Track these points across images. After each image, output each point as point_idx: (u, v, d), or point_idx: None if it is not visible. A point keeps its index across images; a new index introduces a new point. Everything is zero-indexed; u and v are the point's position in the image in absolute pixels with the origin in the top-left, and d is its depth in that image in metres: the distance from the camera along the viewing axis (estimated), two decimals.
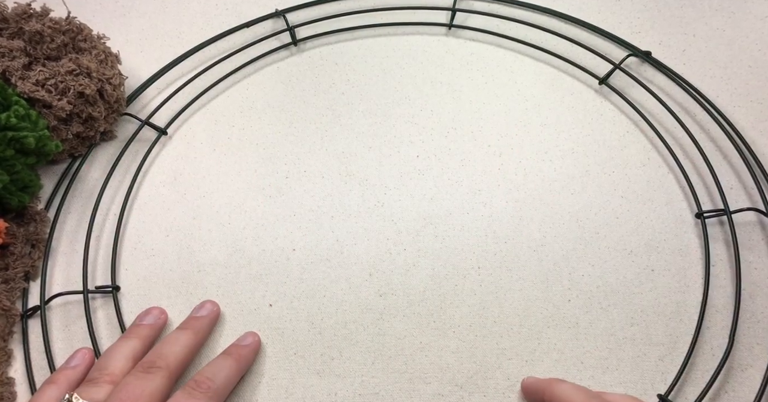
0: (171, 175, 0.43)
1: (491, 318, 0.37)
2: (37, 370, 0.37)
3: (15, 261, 0.39)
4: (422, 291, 0.38)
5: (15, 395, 0.36)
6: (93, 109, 0.42)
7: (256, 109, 0.46)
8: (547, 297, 0.38)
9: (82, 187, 0.43)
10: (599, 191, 0.41)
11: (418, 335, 0.37)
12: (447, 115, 0.44)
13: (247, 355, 0.36)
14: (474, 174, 0.42)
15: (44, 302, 0.38)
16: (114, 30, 0.50)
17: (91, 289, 0.39)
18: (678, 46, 0.47)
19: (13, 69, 0.39)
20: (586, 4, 0.49)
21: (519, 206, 0.41)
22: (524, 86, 0.45)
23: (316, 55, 0.48)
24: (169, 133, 0.45)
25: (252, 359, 0.36)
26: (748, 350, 0.36)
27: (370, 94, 0.46)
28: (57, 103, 0.40)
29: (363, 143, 0.44)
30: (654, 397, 0.35)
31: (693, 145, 0.41)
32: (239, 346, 0.36)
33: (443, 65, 0.47)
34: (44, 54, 0.41)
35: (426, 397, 0.35)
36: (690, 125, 0.43)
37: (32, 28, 0.40)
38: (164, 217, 0.42)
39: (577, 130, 0.43)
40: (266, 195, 0.42)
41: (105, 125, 0.43)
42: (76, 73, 0.41)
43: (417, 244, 0.40)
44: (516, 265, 0.39)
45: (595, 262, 0.39)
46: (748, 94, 0.44)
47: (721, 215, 0.39)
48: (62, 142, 0.41)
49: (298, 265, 0.40)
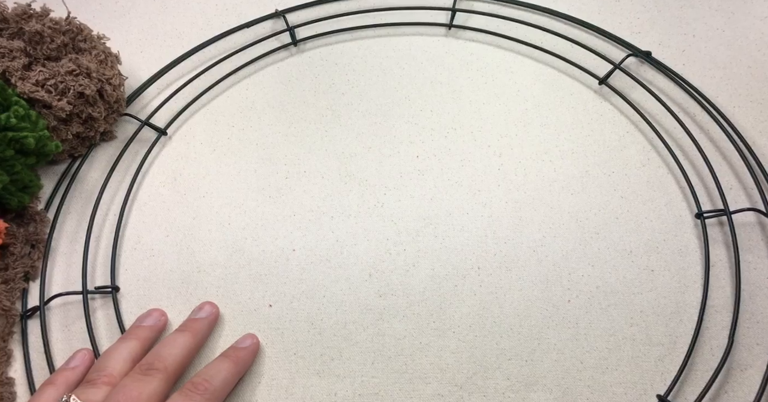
0: (171, 176, 0.43)
1: (491, 318, 0.37)
2: (36, 371, 0.37)
3: (15, 261, 0.39)
4: (422, 291, 0.38)
5: (15, 395, 0.36)
6: (93, 110, 0.42)
7: (256, 109, 0.46)
8: (547, 297, 0.38)
9: (81, 187, 0.43)
10: (599, 191, 0.41)
11: (418, 335, 0.37)
12: (447, 116, 0.44)
13: (246, 357, 0.36)
14: (474, 174, 0.42)
15: (44, 303, 0.38)
16: (114, 30, 0.50)
17: (90, 290, 0.39)
18: (678, 46, 0.47)
19: (13, 69, 0.39)
20: (586, 4, 0.49)
21: (519, 206, 0.41)
22: (524, 86, 0.45)
23: (316, 56, 0.48)
24: (168, 133, 0.45)
25: (250, 362, 0.36)
26: (747, 350, 0.36)
27: (370, 94, 0.46)
28: (57, 103, 0.40)
29: (363, 143, 0.44)
30: (653, 398, 0.35)
31: (693, 145, 0.41)
32: (238, 348, 0.36)
33: (443, 65, 0.47)
34: (44, 54, 0.41)
35: (425, 398, 0.35)
36: (690, 125, 0.43)
37: (32, 29, 0.40)
38: (164, 217, 0.42)
39: (576, 131, 0.43)
40: (266, 195, 0.42)
41: (105, 125, 0.43)
42: (76, 73, 0.41)
43: (417, 244, 0.40)
44: (516, 266, 0.39)
45: (595, 263, 0.39)
46: (748, 94, 0.44)
47: (720, 216, 0.39)
48: (62, 142, 0.41)
49: (298, 266, 0.40)
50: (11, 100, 0.37)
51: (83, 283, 0.39)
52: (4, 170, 0.38)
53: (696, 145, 0.41)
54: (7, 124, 0.36)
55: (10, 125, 0.37)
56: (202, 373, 0.33)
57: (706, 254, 0.38)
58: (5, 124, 0.36)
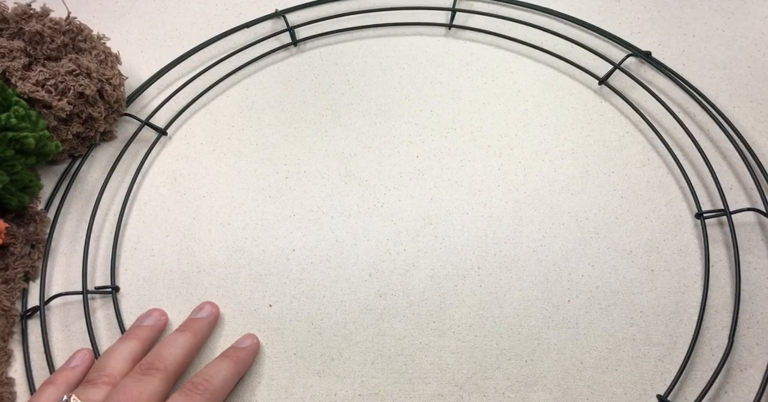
0: (171, 176, 0.43)
1: (491, 318, 0.37)
2: (36, 371, 0.37)
3: (15, 261, 0.39)
4: (422, 291, 0.38)
5: (15, 395, 0.36)
6: (93, 110, 0.42)
7: (256, 109, 0.46)
8: (547, 297, 0.38)
9: (81, 187, 0.43)
10: (599, 191, 0.41)
11: (418, 335, 0.37)
12: (447, 116, 0.44)
13: (246, 357, 0.36)
14: (474, 174, 0.42)
15: (44, 303, 0.38)
16: (114, 30, 0.50)
17: (90, 290, 0.39)
18: (678, 46, 0.47)
19: (14, 69, 0.39)
20: (586, 4, 0.49)
21: (519, 206, 0.41)
22: (524, 86, 0.45)
23: (316, 56, 0.48)
24: (169, 133, 0.45)
25: (250, 362, 0.36)
26: (747, 351, 0.36)
27: (370, 94, 0.46)
28: (57, 103, 0.40)
29: (363, 143, 0.44)
30: (654, 398, 0.35)
31: (692, 145, 0.41)
32: (238, 348, 0.36)
33: (443, 65, 0.47)
34: (44, 54, 0.41)
35: (425, 397, 0.35)
36: (689, 125, 0.43)
37: (32, 29, 0.40)
38: (164, 217, 0.42)
39: (576, 131, 0.43)
40: (266, 195, 0.42)
41: (105, 126, 0.43)
42: (76, 73, 0.40)
43: (417, 244, 0.40)
44: (516, 266, 0.39)
45: (595, 263, 0.39)
46: (748, 94, 0.44)
47: (720, 216, 0.39)
48: (62, 142, 0.41)
49: (298, 266, 0.40)
50: (11, 100, 0.37)
51: (83, 283, 0.39)
52: (4, 170, 0.38)
53: (696, 145, 0.41)
54: (7, 124, 0.36)
55: (10, 125, 0.37)
56: (202, 372, 0.33)
57: (706, 254, 0.38)
58: (5, 124, 0.36)
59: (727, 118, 0.42)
